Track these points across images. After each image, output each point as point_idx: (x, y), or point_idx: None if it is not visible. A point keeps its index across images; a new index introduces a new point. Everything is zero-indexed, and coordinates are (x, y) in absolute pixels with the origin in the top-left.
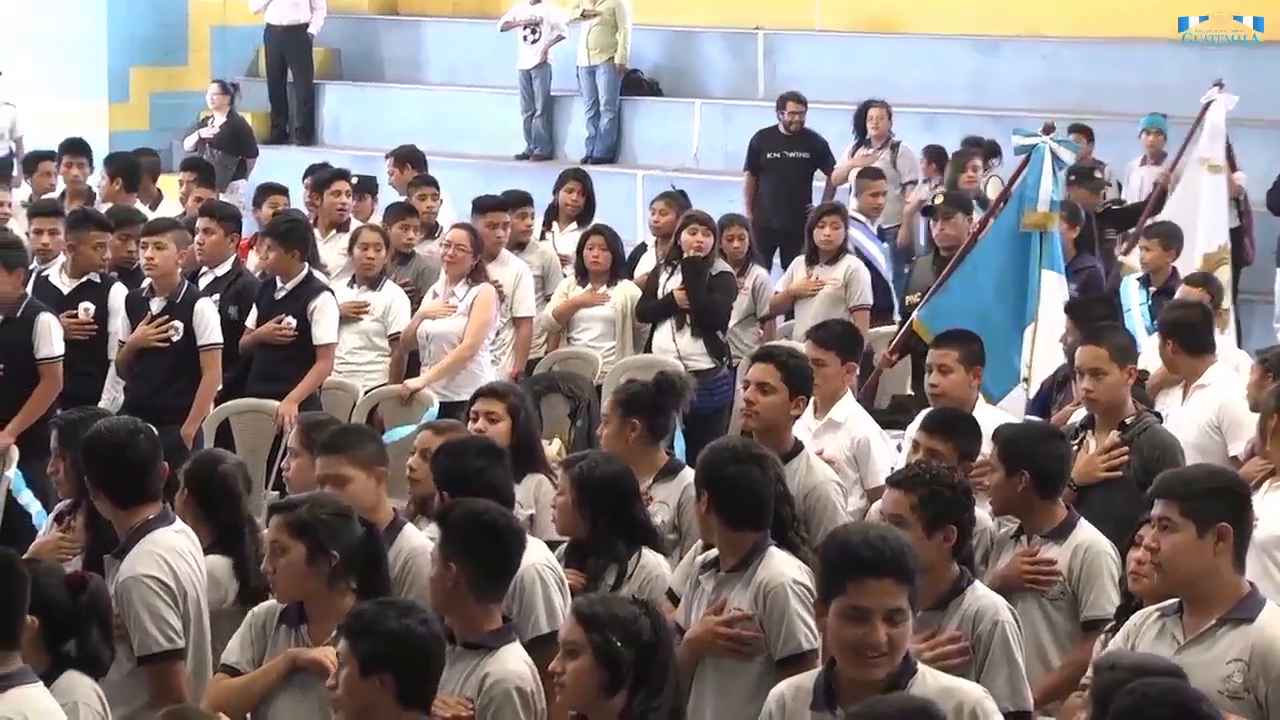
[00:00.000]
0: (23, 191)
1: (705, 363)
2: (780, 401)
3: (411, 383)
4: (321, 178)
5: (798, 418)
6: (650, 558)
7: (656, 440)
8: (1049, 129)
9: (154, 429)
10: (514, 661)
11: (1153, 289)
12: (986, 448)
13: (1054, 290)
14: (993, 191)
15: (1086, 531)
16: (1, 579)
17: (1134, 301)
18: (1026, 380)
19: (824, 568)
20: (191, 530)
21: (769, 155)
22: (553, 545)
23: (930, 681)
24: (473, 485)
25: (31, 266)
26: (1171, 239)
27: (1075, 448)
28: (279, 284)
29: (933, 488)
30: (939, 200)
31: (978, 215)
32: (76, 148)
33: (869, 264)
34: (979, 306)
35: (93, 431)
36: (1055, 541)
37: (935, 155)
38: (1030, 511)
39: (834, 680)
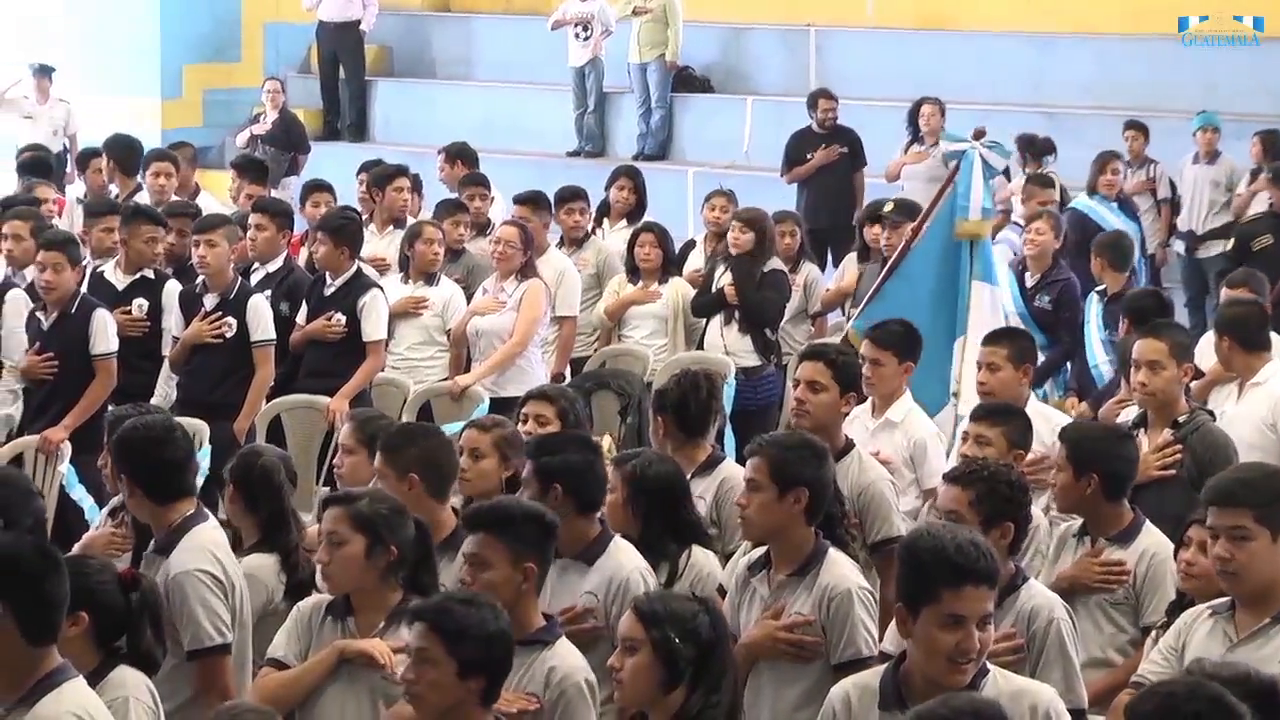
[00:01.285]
0: (77, 188)
1: (752, 359)
2: (831, 400)
3: (462, 379)
4: (384, 173)
5: (847, 414)
6: (700, 555)
7: (690, 436)
8: (979, 134)
9: (185, 426)
10: (573, 655)
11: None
12: (1039, 445)
13: (985, 303)
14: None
15: (1154, 536)
16: (46, 575)
17: (1091, 313)
18: (956, 395)
19: (913, 573)
20: (239, 526)
21: (809, 156)
22: None
23: (1002, 683)
24: (587, 477)
25: (85, 262)
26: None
27: None
28: (328, 280)
29: (990, 484)
30: (889, 208)
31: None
32: (97, 151)
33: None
34: (913, 317)
35: (127, 429)
36: (1121, 545)
37: (1028, 144)
38: (1097, 513)
39: (901, 679)
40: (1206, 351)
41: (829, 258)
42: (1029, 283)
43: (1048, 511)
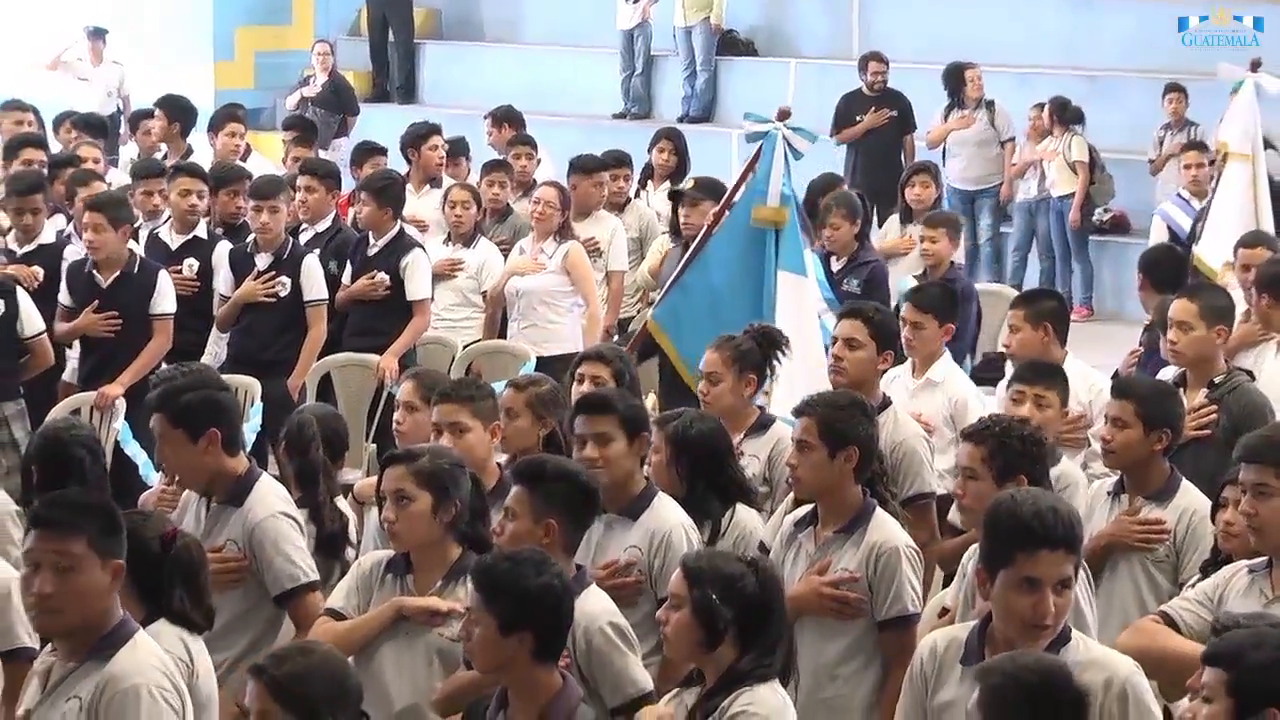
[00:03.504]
0: (130, 149)
1: None
2: (868, 357)
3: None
4: (417, 133)
5: (884, 372)
6: (744, 514)
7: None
8: (783, 114)
9: (236, 384)
10: (594, 602)
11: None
12: (1074, 403)
13: (793, 294)
14: (1078, 152)
15: (1191, 494)
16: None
17: None
18: (766, 394)
19: (990, 536)
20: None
21: (858, 118)
22: None
23: (1083, 650)
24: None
25: (138, 224)
26: (957, 226)
27: None
28: (371, 240)
29: (1001, 439)
30: (690, 185)
31: None
32: (149, 113)
33: (1179, 241)
34: (712, 305)
35: (194, 384)
36: (1159, 503)
37: (1060, 109)
38: (1147, 470)
39: (987, 638)
40: None
41: (874, 219)
42: (835, 267)
43: (1085, 468)
